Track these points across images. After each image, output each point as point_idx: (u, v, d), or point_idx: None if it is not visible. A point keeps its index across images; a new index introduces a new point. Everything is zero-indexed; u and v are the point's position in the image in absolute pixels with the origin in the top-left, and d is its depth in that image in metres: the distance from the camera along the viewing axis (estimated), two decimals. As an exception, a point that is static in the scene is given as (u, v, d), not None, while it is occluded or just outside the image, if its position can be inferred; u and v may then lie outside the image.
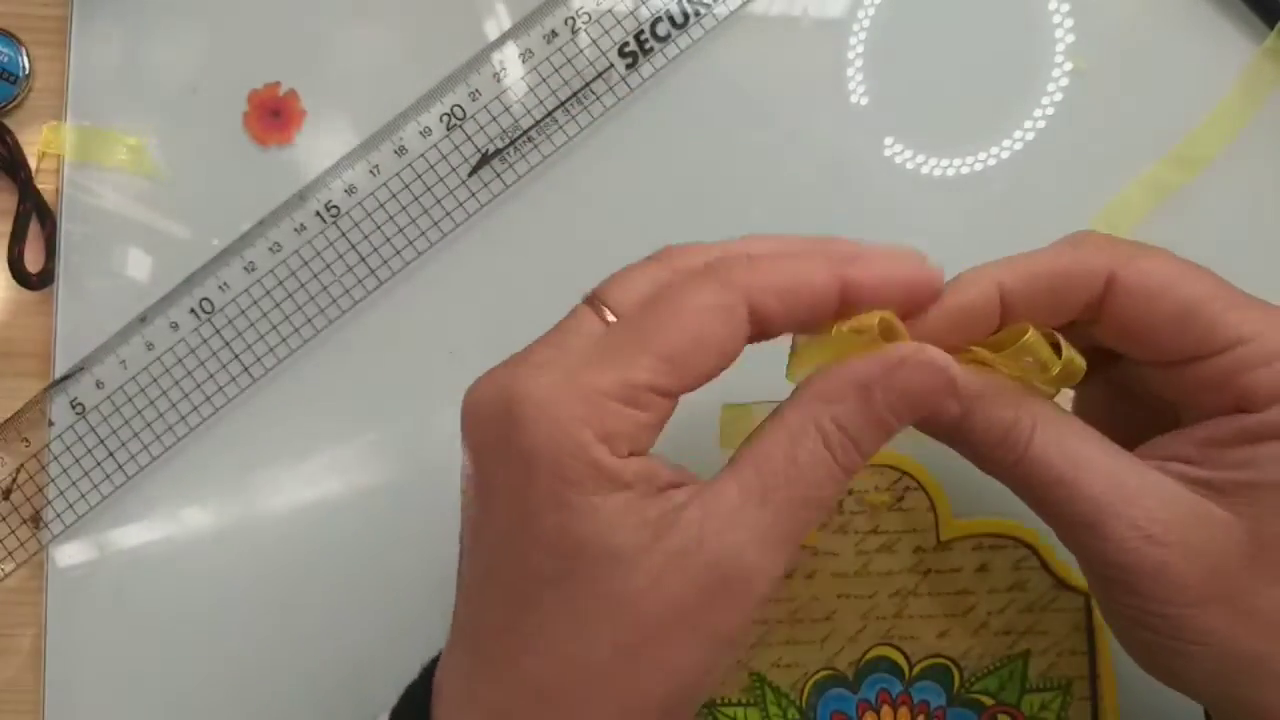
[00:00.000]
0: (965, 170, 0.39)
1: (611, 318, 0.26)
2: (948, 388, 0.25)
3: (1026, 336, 0.25)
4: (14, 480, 0.40)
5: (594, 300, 0.27)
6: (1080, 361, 0.26)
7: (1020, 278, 0.27)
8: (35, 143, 0.41)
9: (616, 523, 0.24)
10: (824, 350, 0.26)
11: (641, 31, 0.39)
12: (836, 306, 0.26)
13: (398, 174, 0.39)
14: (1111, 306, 0.27)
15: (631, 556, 0.24)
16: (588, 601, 0.24)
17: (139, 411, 0.40)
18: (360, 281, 0.40)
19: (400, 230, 0.40)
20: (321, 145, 0.40)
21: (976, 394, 0.26)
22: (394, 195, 0.40)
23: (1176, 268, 0.27)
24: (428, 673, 0.28)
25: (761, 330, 0.26)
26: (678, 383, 0.25)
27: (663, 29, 0.39)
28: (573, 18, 0.39)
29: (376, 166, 0.39)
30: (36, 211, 0.40)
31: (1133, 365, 0.29)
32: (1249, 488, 0.25)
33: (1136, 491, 0.25)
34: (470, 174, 0.40)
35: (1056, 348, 0.26)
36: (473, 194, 0.40)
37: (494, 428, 0.25)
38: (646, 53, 0.39)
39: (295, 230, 0.40)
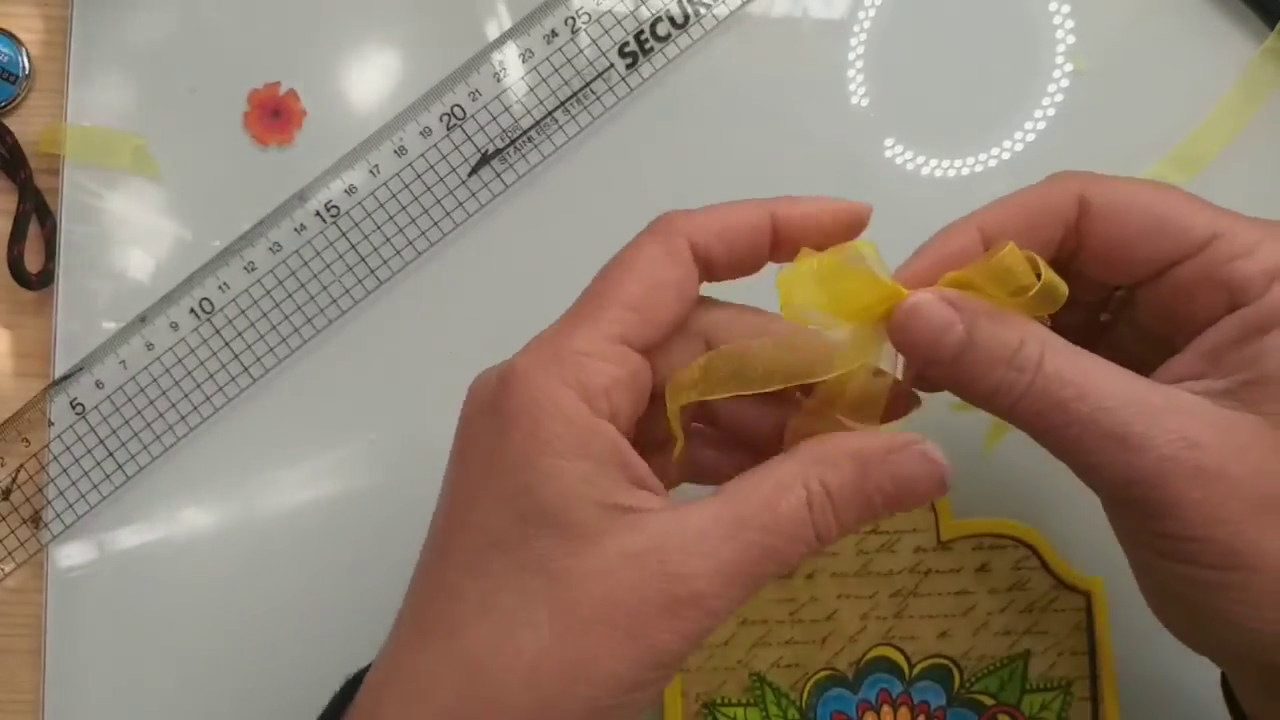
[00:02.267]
0: (965, 171, 0.39)
1: None
2: (940, 482, 0.26)
3: (1004, 250, 0.25)
4: (14, 480, 0.40)
5: None
6: (1061, 284, 0.25)
7: (998, 217, 0.28)
8: (35, 142, 0.41)
9: (580, 493, 0.24)
10: (806, 283, 0.26)
11: (641, 31, 0.39)
12: (770, 242, 0.27)
13: (398, 174, 0.39)
14: (1088, 229, 0.27)
15: (587, 536, 0.24)
16: (535, 576, 0.24)
17: (139, 411, 0.40)
18: (360, 281, 0.40)
19: (400, 230, 0.40)
20: (321, 145, 0.40)
21: (981, 311, 0.26)
22: (394, 195, 0.40)
23: (1142, 183, 0.27)
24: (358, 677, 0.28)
25: (709, 269, 0.27)
26: (644, 330, 0.26)
27: (663, 29, 0.39)
28: (573, 18, 0.39)
29: (376, 166, 0.39)
30: (36, 211, 0.40)
31: (1125, 312, 0.28)
32: (1266, 383, 0.24)
33: (1162, 404, 0.24)
34: (470, 174, 0.40)
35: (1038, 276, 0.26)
36: (473, 194, 0.40)
37: (485, 396, 0.26)
38: (646, 53, 0.39)
39: (295, 230, 0.40)
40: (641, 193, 0.40)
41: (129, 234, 0.40)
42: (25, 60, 0.41)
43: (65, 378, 0.40)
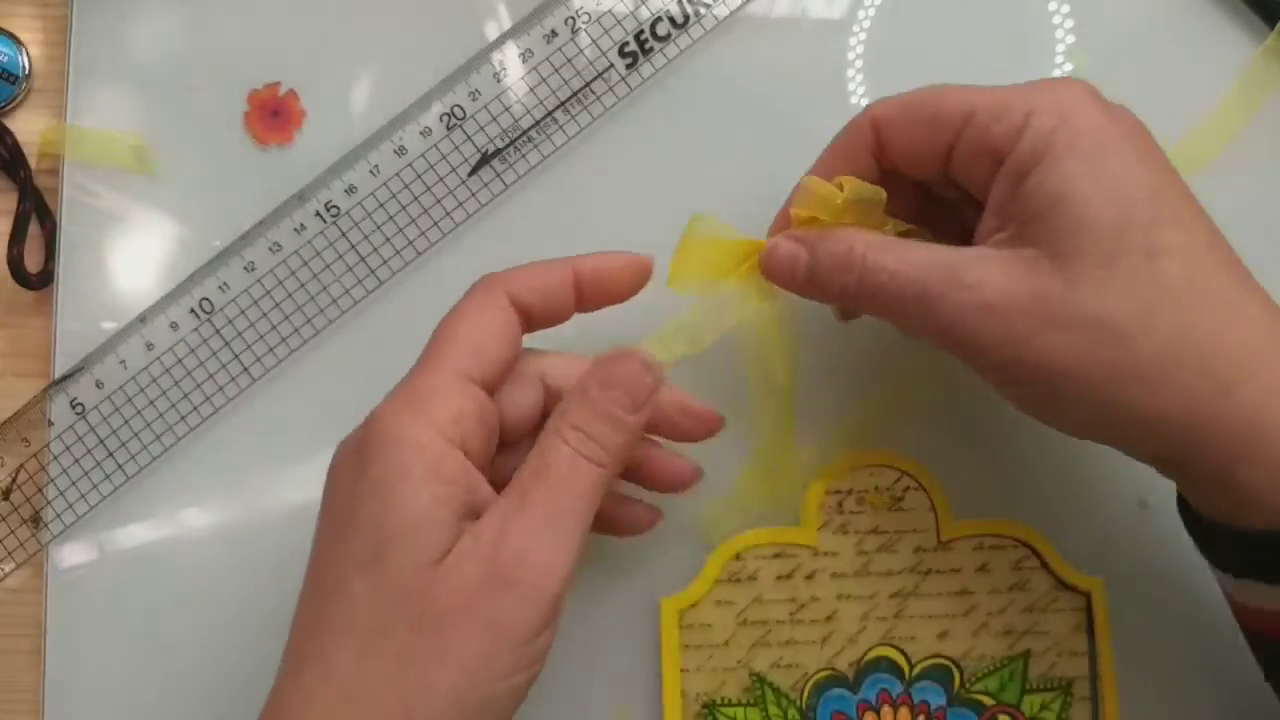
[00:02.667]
0: (965, 170, 0.39)
1: None
2: (645, 369, 0.30)
3: (803, 179, 0.32)
4: (14, 480, 0.40)
5: None
6: (867, 187, 0.31)
7: (825, 163, 0.34)
8: (35, 142, 0.41)
9: (432, 514, 0.28)
10: (687, 266, 0.34)
11: (641, 31, 0.39)
12: (575, 293, 0.32)
13: (398, 174, 0.39)
14: (884, 142, 0.32)
15: (439, 550, 0.28)
16: (391, 591, 0.27)
17: (139, 411, 0.40)
18: (360, 281, 0.40)
19: (400, 230, 0.40)
20: (321, 145, 0.40)
21: (817, 237, 0.31)
22: (394, 195, 0.40)
23: (917, 91, 0.32)
24: None
25: (527, 319, 0.32)
26: (481, 367, 0.30)
27: (663, 29, 0.39)
28: (573, 18, 0.39)
29: (376, 166, 0.39)
30: (36, 211, 0.40)
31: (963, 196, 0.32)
32: (1033, 221, 0.28)
33: (958, 262, 0.29)
34: (470, 174, 0.40)
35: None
36: (473, 194, 0.40)
37: (348, 447, 0.30)
38: (646, 53, 0.39)
39: (295, 230, 0.40)
40: (641, 193, 0.40)
41: (129, 234, 0.40)
42: (25, 60, 0.41)
43: (65, 378, 0.40)
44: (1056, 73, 0.39)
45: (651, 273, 0.33)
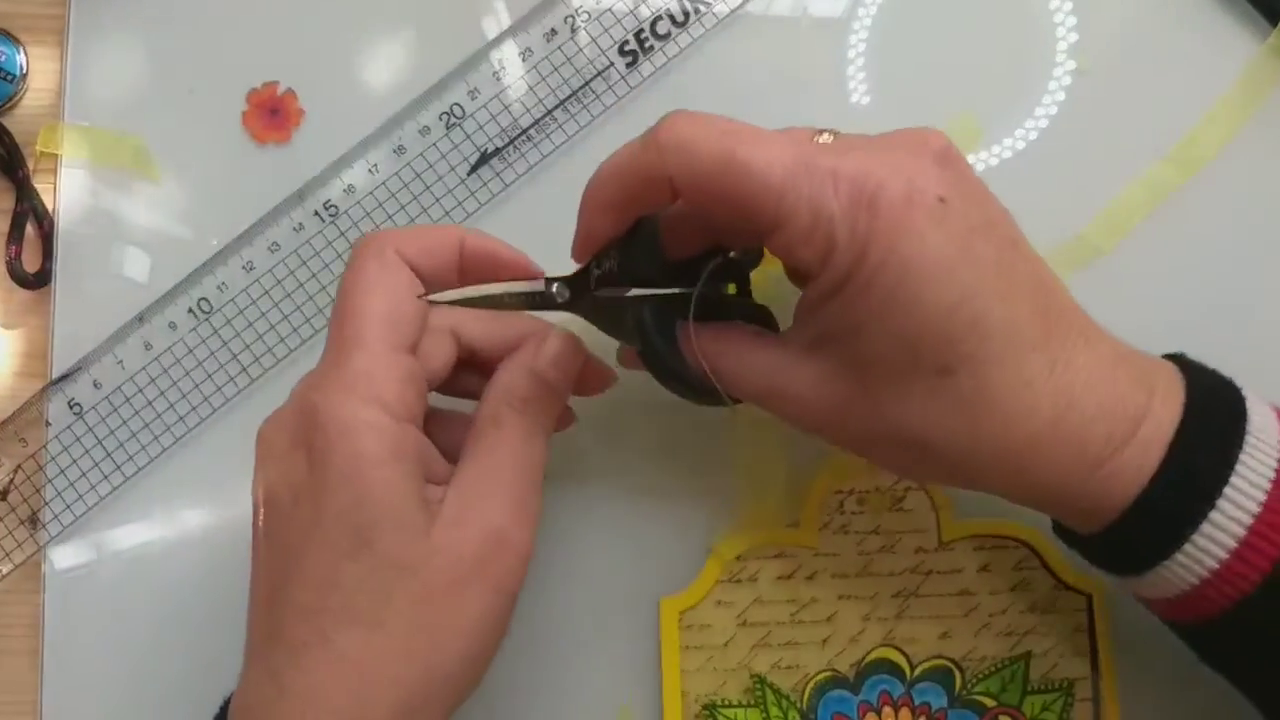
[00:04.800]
0: (966, 169, 0.39)
1: None
2: (578, 348, 0.33)
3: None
4: (11, 481, 0.40)
5: None
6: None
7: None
8: (33, 142, 0.41)
9: (404, 491, 0.29)
10: None
11: (641, 30, 0.39)
12: (458, 258, 0.33)
13: (396, 173, 0.39)
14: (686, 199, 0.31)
15: (419, 525, 0.29)
16: (387, 571, 0.29)
17: (137, 412, 0.39)
18: (359, 281, 0.40)
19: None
20: (320, 144, 0.40)
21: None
22: (393, 194, 0.39)
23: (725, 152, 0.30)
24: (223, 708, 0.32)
25: (416, 273, 0.32)
26: (401, 332, 0.31)
27: (663, 27, 0.39)
28: (572, 16, 0.39)
29: (375, 165, 0.39)
30: (34, 211, 0.40)
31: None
32: (836, 340, 0.30)
33: (778, 373, 0.31)
34: (469, 173, 0.40)
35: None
36: (472, 193, 0.40)
37: (285, 439, 0.30)
38: (646, 51, 0.39)
39: (294, 229, 0.39)
40: (641, 192, 0.40)
41: (127, 233, 0.40)
42: (23, 59, 0.41)
43: (63, 378, 0.39)
44: (1058, 71, 0.39)
45: (540, 278, 0.34)
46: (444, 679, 0.29)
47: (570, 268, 0.33)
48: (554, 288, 0.33)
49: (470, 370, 0.34)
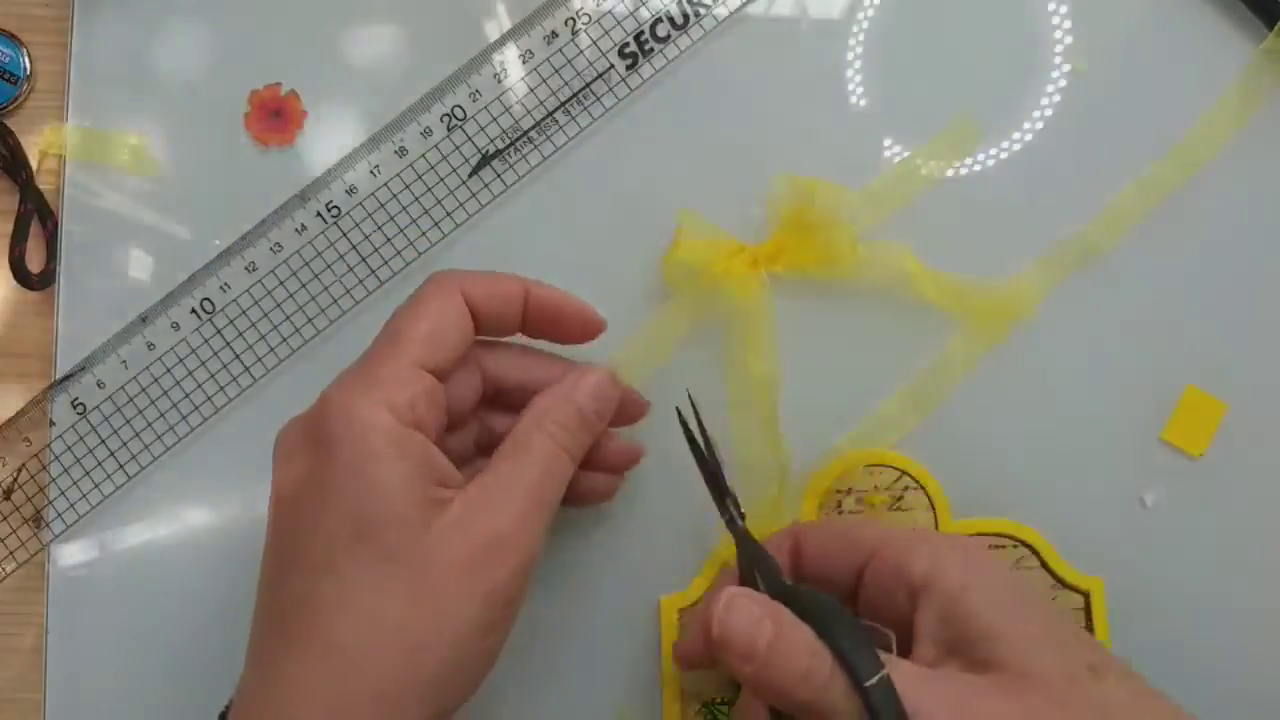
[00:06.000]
0: (965, 171, 0.39)
1: None
2: (615, 384, 0.35)
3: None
4: (15, 480, 0.40)
5: None
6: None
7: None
8: (36, 143, 0.41)
9: (406, 488, 0.30)
10: (684, 251, 0.37)
11: (641, 32, 0.40)
12: (522, 305, 0.34)
13: (398, 174, 0.40)
14: (802, 554, 0.35)
15: (420, 521, 0.30)
16: (382, 563, 0.29)
17: (140, 411, 0.40)
18: (361, 282, 0.40)
19: (401, 230, 0.40)
20: (322, 146, 0.40)
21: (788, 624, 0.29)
22: (395, 195, 0.40)
23: (838, 519, 0.37)
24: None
25: (476, 314, 0.33)
26: (434, 355, 0.32)
27: (662, 30, 0.40)
28: (573, 19, 0.39)
29: (377, 167, 0.40)
30: (38, 212, 0.41)
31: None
32: (971, 647, 0.29)
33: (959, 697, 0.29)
34: (471, 174, 0.40)
35: None
36: (473, 194, 0.40)
37: (297, 433, 0.31)
38: (646, 53, 0.40)
39: (296, 230, 0.40)
40: (641, 193, 0.40)
41: (130, 234, 0.40)
42: (26, 61, 0.41)
43: (67, 378, 0.40)
44: (1055, 73, 0.39)
45: (602, 331, 0.35)
46: (429, 680, 0.30)
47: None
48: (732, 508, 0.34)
49: (499, 410, 0.36)
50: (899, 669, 0.28)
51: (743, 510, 0.34)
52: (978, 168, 0.39)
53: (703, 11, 0.39)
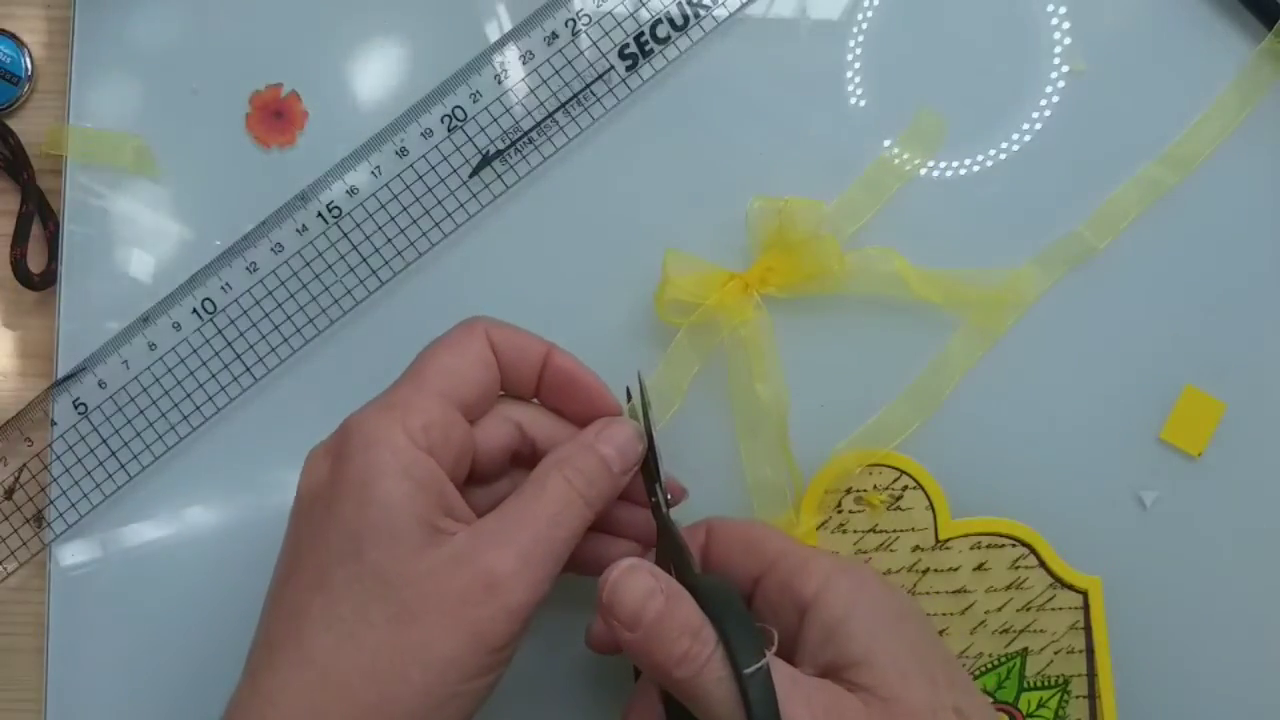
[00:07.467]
0: (963, 171, 0.39)
1: None
2: (638, 438, 0.34)
3: None
4: (16, 480, 0.40)
5: None
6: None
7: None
8: (38, 144, 0.41)
9: (405, 509, 0.30)
10: (673, 288, 0.37)
11: (641, 33, 0.40)
12: (541, 366, 0.34)
13: (399, 175, 0.40)
14: (709, 552, 0.36)
15: (414, 546, 0.29)
16: (372, 583, 0.29)
17: (141, 411, 0.40)
18: (362, 282, 0.40)
19: (402, 231, 0.40)
20: (323, 146, 0.40)
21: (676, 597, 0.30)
22: (395, 196, 0.40)
23: (746, 521, 0.37)
24: None
25: (498, 360, 0.34)
26: (455, 388, 0.32)
27: (663, 31, 0.40)
28: (573, 20, 0.40)
29: (378, 167, 0.40)
30: (39, 212, 0.41)
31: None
32: (849, 669, 0.31)
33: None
34: (471, 175, 0.40)
35: None
36: (474, 195, 0.40)
37: (321, 452, 0.32)
38: (646, 55, 0.40)
39: (297, 231, 0.40)
40: (641, 194, 0.40)
41: (131, 234, 0.41)
42: (28, 62, 0.41)
43: (68, 378, 0.40)
44: (1054, 74, 0.39)
45: (616, 414, 0.35)
46: (404, 712, 0.29)
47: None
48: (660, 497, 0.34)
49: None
50: (778, 666, 0.29)
51: (669, 497, 0.34)
52: (976, 168, 0.39)
53: (703, 13, 0.40)
